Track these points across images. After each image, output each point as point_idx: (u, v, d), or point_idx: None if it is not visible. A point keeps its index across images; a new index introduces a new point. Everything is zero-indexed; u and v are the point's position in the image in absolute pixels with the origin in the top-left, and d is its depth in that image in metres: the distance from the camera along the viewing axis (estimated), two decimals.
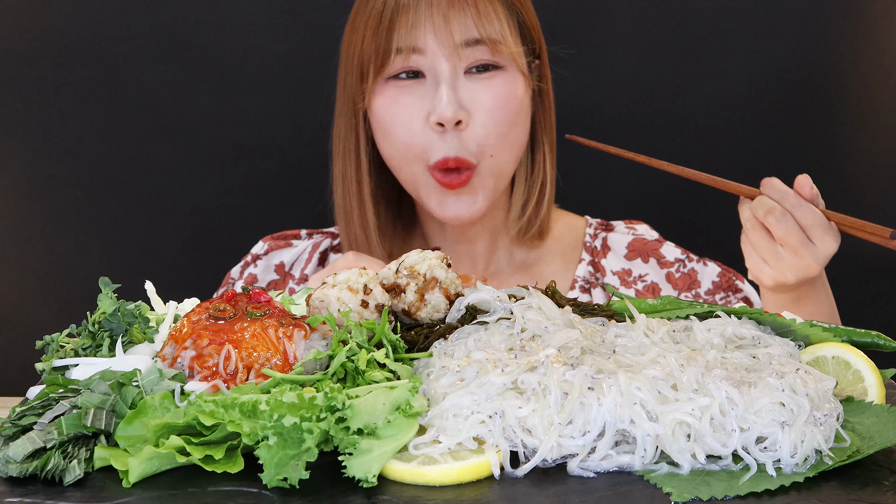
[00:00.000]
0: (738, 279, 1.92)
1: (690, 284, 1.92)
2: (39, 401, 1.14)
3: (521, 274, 1.94)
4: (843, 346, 1.22)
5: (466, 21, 1.75)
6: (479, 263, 1.94)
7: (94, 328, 1.27)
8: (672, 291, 1.92)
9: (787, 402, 1.08)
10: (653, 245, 1.96)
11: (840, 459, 1.06)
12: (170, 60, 2.34)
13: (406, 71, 1.78)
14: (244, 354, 1.16)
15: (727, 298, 1.90)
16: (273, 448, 1.01)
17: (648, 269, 1.94)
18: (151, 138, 2.37)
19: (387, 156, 1.84)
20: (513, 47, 1.78)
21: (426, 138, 1.77)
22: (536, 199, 1.90)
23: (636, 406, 1.07)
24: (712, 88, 2.35)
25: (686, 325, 1.26)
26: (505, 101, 1.78)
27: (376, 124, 1.82)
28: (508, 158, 1.83)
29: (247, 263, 2.00)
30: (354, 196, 1.87)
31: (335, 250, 2.01)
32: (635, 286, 1.92)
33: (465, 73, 1.77)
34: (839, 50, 2.33)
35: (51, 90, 2.35)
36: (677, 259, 1.95)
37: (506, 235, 1.94)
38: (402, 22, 1.74)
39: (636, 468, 1.06)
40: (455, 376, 1.13)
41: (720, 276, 1.92)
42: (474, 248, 1.93)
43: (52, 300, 2.41)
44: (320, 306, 1.27)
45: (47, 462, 1.05)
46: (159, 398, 1.09)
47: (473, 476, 1.05)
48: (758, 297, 1.91)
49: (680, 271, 1.93)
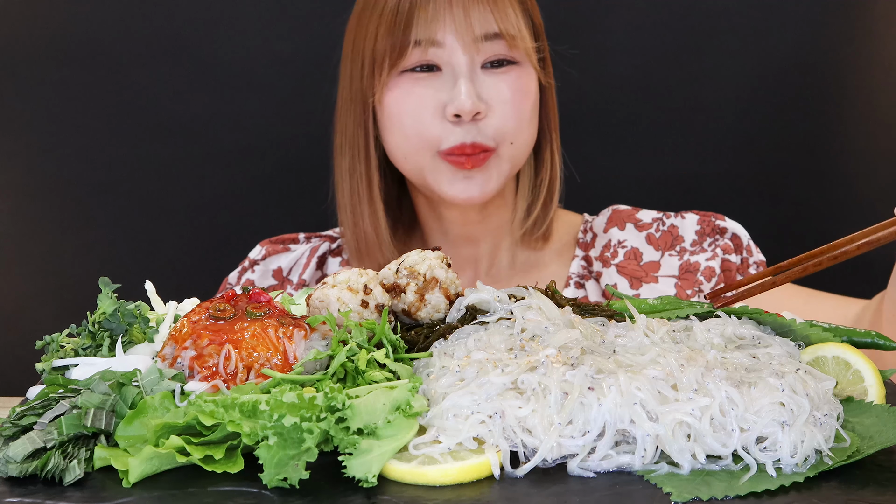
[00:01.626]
0: (719, 218, 1.91)
1: (673, 241, 1.90)
2: (39, 401, 1.14)
3: (523, 276, 1.93)
4: (843, 346, 1.22)
5: (485, 15, 1.75)
6: (481, 265, 1.93)
7: (94, 328, 1.27)
8: (655, 254, 1.90)
9: (787, 402, 1.08)
10: (628, 212, 1.95)
11: (840, 459, 1.06)
12: (170, 61, 2.34)
13: (422, 64, 1.77)
14: (244, 354, 1.16)
15: (716, 242, 1.89)
16: (273, 448, 1.01)
17: (626, 235, 1.92)
18: (152, 138, 2.37)
19: (393, 147, 1.82)
20: (528, 42, 1.79)
21: (438, 128, 1.76)
22: (543, 199, 1.89)
23: (636, 406, 1.07)
24: (713, 87, 2.35)
25: (686, 325, 1.26)
26: (522, 94, 1.79)
27: (386, 117, 1.80)
28: (525, 149, 1.83)
29: (244, 269, 1.99)
30: (364, 193, 1.86)
31: (334, 254, 2.00)
32: (616, 258, 1.90)
33: (482, 68, 1.77)
34: (839, 49, 2.33)
35: (51, 90, 2.35)
36: (654, 219, 1.93)
37: (509, 237, 1.93)
38: (421, 15, 1.74)
39: (636, 468, 1.06)
40: (455, 376, 1.13)
41: (700, 222, 1.90)
42: (477, 249, 1.92)
43: (52, 300, 2.41)
44: (320, 306, 1.27)
45: (47, 462, 1.05)
46: (159, 398, 1.09)
47: (473, 476, 1.05)
48: (744, 229, 1.90)
49: (659, 230, 1.91)
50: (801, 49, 2.32)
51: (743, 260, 1.88)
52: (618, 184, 2.36)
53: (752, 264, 1.88)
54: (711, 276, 1.86)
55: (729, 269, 1.87)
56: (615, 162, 2.38)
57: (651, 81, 2.36)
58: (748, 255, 1.89)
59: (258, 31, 2.34)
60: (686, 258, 1.88)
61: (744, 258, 1.89)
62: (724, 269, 1.87)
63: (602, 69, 2.34)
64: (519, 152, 1.81)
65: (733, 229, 1.90)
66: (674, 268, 1.88)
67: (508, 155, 1.80)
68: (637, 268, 1.89)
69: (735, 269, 1.87)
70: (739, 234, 1.90)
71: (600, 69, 2.34)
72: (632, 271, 1.89)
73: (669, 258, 1.89)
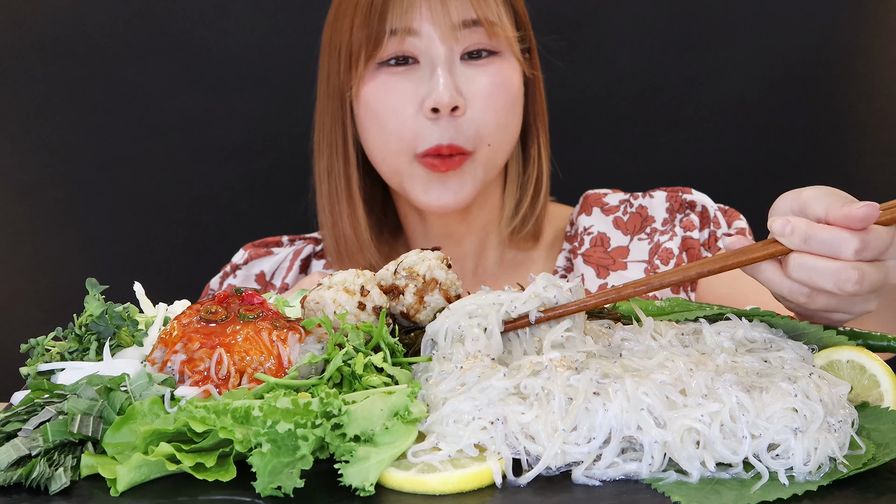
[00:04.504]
0: (686, 192, 1.90)
1: (643, 223, 1.89)
2: (24, 406, 1.13)
3: (512, 274, 1.92)
4: (858, 349, 1.22)
5: (463, 2, 1.75)
6: (467, 265, 1.92)
7: (80, 331, 1.27)
8: (623, 238, 1.89)
9: (799, 407, 1.07)
10: (596, 196, 1.95)
11: (855, 467, 1.05)
12: (159, 56, 2.34)
13: (398, 56, 1.76)
14: (237, 358, 1.16)
15: (687, 217, 1.88)
16: (266, 455, 1.01)
17: (592, 221, 1.91)
18: (141, 136, 2.37)
19: (371, 146, 1.81)
20: (509, 31, 1.78)
21: (417, 126, 1.75)
22: (531, 196, 1.88)
23: (643, 412, 1.06)
24: (717, 84, 2.35)
25: (695, 328, 1.26)
26: (503, 87, 1.77)
27: (364, 113, 1.80)
28: (505, 148, 1.82)
29: (226, 274, 1.99)
30: (343, 192, 1.85)
31: (318, 256, 2.00)
32: (583, 247, 1.89)
33: (461, 60, 1.76)
34: (848, 45, 2.33)
35: (38, 85, 2.35)
36: (622, 201, 1.93)
37: (496, 235, 1.92)
38: (397, 4, 1.74)
39: (643, 476, 1.05)
40: (455, 381, 1.13)
41: (668, 198, 1.90)
42: (462, 249, 1.91)
43: (38, 302, 2.41)
44: (315, 308, 1.27)
45: (32, 470, 1.05)
46: (148, 404, 1.09)
47: (474, 484, 1.04)
48: (710, 200, 1.89)
49: (627, 212, 1.91)
50: (810, 44, 2.32)
51: (711, 233, 1.87)
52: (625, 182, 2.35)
53: (721, 237, 1.86)
54: (669, 258, 1.85)
55: (692, 248, 1.86)
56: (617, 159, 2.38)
57: (657, 77, 2.36)
58: (716, 227, 1.87)
59: (249, 26, 2.34)
60: (657, 239, 1.87)
61: (711, 231, 1.87)
62: (687, 247, 1.86)
63: (607, 63, 2.34)
64: (496, 155, 1.80)
65: (701, 202, 1.89)
66: (643, 252, 1.88)
67: (485, 158, 1.78)
68: (604, 255, 1.89)
69: (699, 247, 1.86)
70: (707, 205, 1.88)
71: (606, 63, 2.34)
72: (598, 259, 1.88)
73: (639, 242, 1.88)
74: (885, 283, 1.20)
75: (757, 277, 1.23)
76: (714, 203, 1.89)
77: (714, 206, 1.89)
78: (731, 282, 1.74)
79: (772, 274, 1.21)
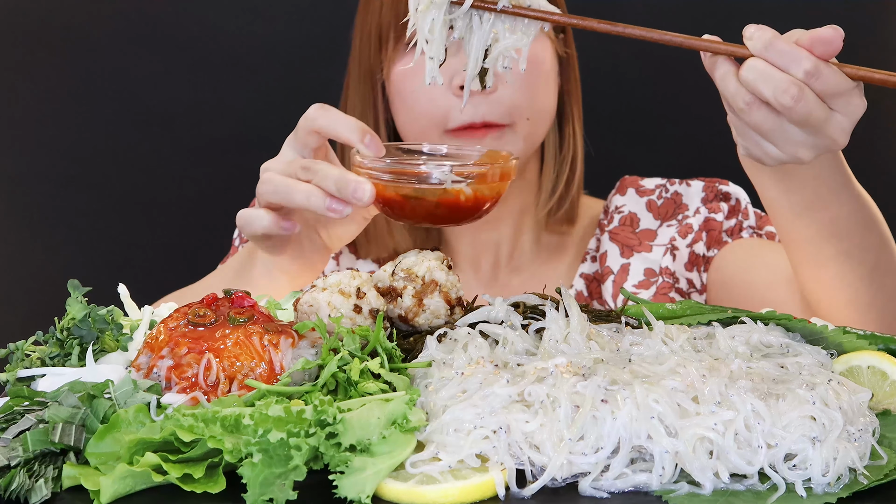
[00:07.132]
0: (722, 183, 1.94)
1: (676, 209, 1.94)
2: (3, 414, 1.13)
3: (546, 260, 1.96)
4: (879, 354, 1.22)
5: None
6: (502, 250, 1.96)
7: (62, 335, 1.27)
8: (653, 222, 1.93)
9: (818, 415, 1.07)
10: (633, 179, 1.99)
11: (876, 478, 1.05)
12: (142, 47, 2.34)
13: None
14: (226, 364, 1.15)
15: (717, 206, 1.91)
16: (258, 466, 1.00)
17: (626, 200, 1.96)
18: (126, 129, 2.37)
19: (402, 125, 1.86)
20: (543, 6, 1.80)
21: (447, 103, 1.79)
22: (567, 176, 1.92)
23: (653, 420, 1.06)
24: None
25: (708, 332, 1.26)
26: (534, 63, 1.80)
27: (395, 92, 1.85)
28: (543, 125, 1.86)
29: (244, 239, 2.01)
30: None
31: None
32: (612, 224, 1.94)
33: None
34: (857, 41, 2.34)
35: (17, 76, 2.35)
36: (658, 185, 1.97)
37: (532, 218, 1.96)
38: None
39: (654, 488, 1.05)
40: (456, 387, 1.12)
41: (705, 189, 1.94)
42: (498, 233, 1.95)
43: (17, 305, 2.41)
44: (309, 311, 1.27)
45: (11, 481, 1.05)
46: (133, 412, 1.09)
47: (476, 496, 1.04)
48: (746, 195, 1.93)
49: (662, 197, 1.95)
50: None
51: (738, 223, 1.91)
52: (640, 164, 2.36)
53: (745, 227, 1.91)
54: (688, 233, 1.90)
55: (713, 230, 1.90)
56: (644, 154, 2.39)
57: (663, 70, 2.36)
58: (744, 218, 1.92)
59: (241, 15, 2.34)
60: (686, 223, 1.92)
61: (738, 221, 1.92)
62: (709, 228, 1.90)
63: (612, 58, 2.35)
64: (536, 130, 1.84)
65: (736, 194, 1.93)
66: (670, 238, 1.92)
67: (525, 132, 1.82)
68: (631, 234, 1.94)
69: (720, 230, 1.90)
70: (741, 198, 1.93)
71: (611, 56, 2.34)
72: (624, 238, 1.93)
73: (667, 228, 1.93)
74: (822, 126, 1.25)
75: (713, 72, 1.29)
76: (748, 198, 1.92)
77: (747, 199, 1.93)
78: (745, 270, 1.82)
79: (726, 71, 1.27)
